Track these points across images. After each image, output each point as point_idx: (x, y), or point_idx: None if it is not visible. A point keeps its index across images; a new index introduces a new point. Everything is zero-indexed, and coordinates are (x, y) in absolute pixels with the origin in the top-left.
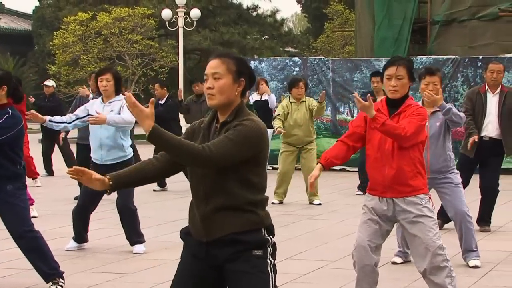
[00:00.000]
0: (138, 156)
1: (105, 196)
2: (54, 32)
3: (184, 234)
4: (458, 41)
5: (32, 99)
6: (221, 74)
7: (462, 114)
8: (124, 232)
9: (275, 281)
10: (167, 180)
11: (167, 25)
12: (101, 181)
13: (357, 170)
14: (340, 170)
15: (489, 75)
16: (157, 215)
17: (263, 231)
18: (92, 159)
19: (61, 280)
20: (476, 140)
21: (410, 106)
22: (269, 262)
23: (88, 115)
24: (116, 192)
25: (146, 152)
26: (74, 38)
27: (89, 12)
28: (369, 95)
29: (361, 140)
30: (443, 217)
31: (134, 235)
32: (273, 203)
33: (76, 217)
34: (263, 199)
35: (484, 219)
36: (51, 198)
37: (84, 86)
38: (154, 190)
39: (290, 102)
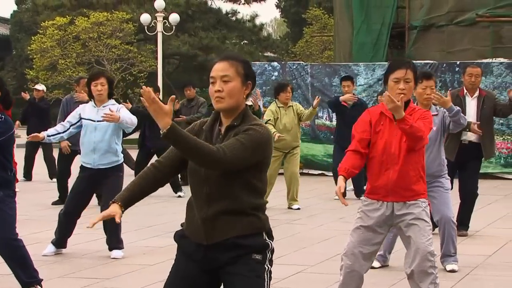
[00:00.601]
0: (132, 160)
1: None
2: (32, 37)
3: (179, 236)
4: (436, 46)
5: (27, 96)
6: (230, 77)
7: (465, 116)
8: (106, 236)
9: None
10: None
11: (146, 30)
12: (116, 213)
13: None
14: (319, 174)
15: (467, 78)
16: (136, 220)
17: (264, 235)
18: (82, 163)
19: (39, 287)
20: (478, 122)
21: (415, 109)
22: (266, 268)
23: (81, 119)
24: (97, 196)
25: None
26: (52, 43)
27: (67, 16)
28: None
29: (369, 145)
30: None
31: (114, 240)
32: None
33: (64, 222)
34: (263, 204)
35: (463, 223)
36: (28, 203)
37: (82, 91)
38: None
39: (278, 107)
